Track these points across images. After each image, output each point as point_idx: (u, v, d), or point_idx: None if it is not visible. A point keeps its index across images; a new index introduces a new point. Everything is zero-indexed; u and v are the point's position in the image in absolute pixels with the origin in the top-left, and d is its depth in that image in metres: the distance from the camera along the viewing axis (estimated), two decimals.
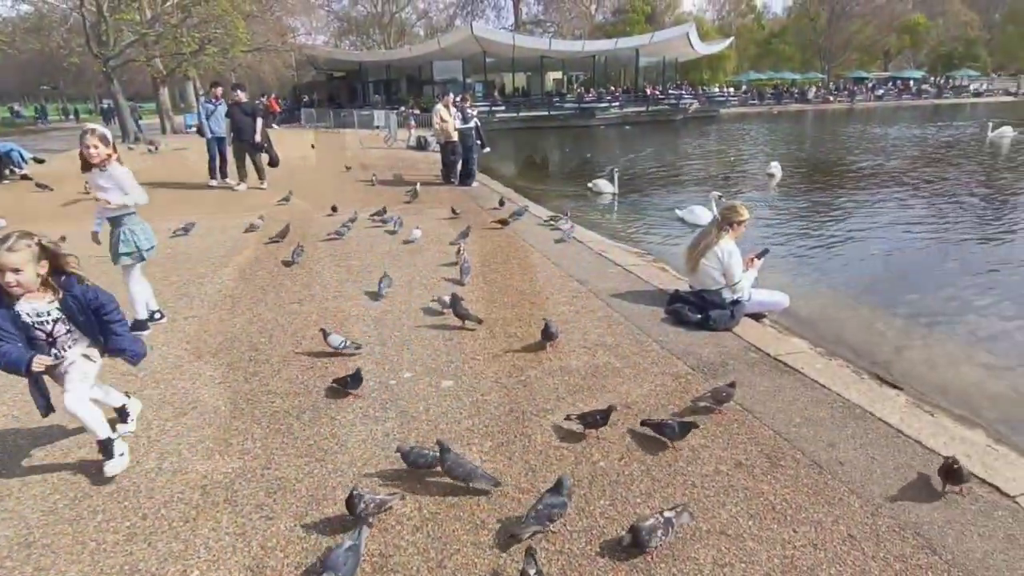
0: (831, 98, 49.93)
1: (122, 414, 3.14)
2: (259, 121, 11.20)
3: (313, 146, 19.84)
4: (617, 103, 37.84)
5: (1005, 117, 25.65)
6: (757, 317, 4.88)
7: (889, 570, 2.20)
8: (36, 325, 2.63)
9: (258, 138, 11.13)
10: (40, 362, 2.55)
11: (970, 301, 6.00)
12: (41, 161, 13.98)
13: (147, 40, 22.65)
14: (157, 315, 4.67)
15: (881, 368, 4.42)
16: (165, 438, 3.09)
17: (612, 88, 41.83)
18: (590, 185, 12.32)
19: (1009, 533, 2.40)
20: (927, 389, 4.15)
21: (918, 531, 2.39)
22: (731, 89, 49.65)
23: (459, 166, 12.00)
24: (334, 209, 8.99)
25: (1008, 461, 2.97)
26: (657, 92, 40.96)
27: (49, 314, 2.65)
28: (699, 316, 4.47)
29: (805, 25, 63.22)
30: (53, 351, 2.68)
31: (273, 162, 11.67)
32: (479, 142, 12.09)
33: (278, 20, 33.78)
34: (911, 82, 54.48)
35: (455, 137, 11.63)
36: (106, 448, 2.75)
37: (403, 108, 31.58)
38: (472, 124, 11.71)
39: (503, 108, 35.45)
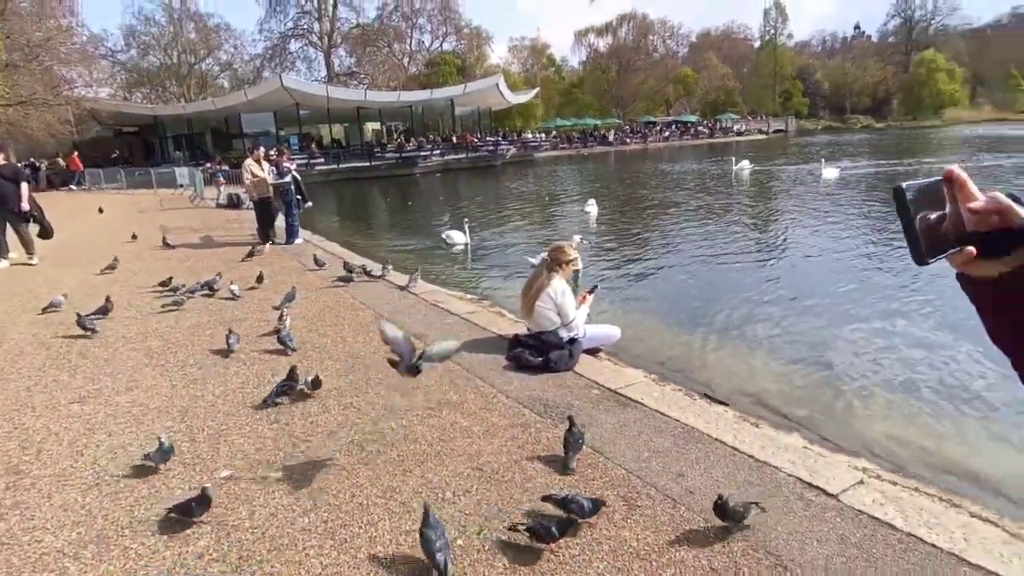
0: (628, 140, 55.64)
1: None
2: (23, 186, 9.51)
3: (101, 210, 17.45)
4: (438, 151, 38.64)
5: (759, 152, 30.64)
6: (593, 352, 5.00)
7: None
8: None
9: (24, 206, 9.43)
10: None
11: (766, 313, 6.77)
12: None
13: None
14: None
15: (707, 387, 4.73)
16: None
17: (432, 137, 42.76)
18: (444, 236, 12.17)
19: (840, 534, 2.56)
20: (748, 401, 4.50)
21: (768, 549, 2.46)
22: (543, 135, 53.30)
23: (279, 223, 11.20)
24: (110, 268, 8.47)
25: (825, 461, 3.25)
26: (476, 140, 42.61)
27: None
28: (540, 359, 4.45)
29: (599, 76, 71.28)
30: None
31: (45, 233, 9.95)
32: (299, 197, 11.41)
33: (47, 71, 29.74)
34: (689, 125, 62.76)
35: (271, 192, 10.87)
36: None
37: (209, 165, 29.23)
38: (289, 178, 11.04)
39: (322, 160, 34.39)
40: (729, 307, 7.00)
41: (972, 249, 0.67)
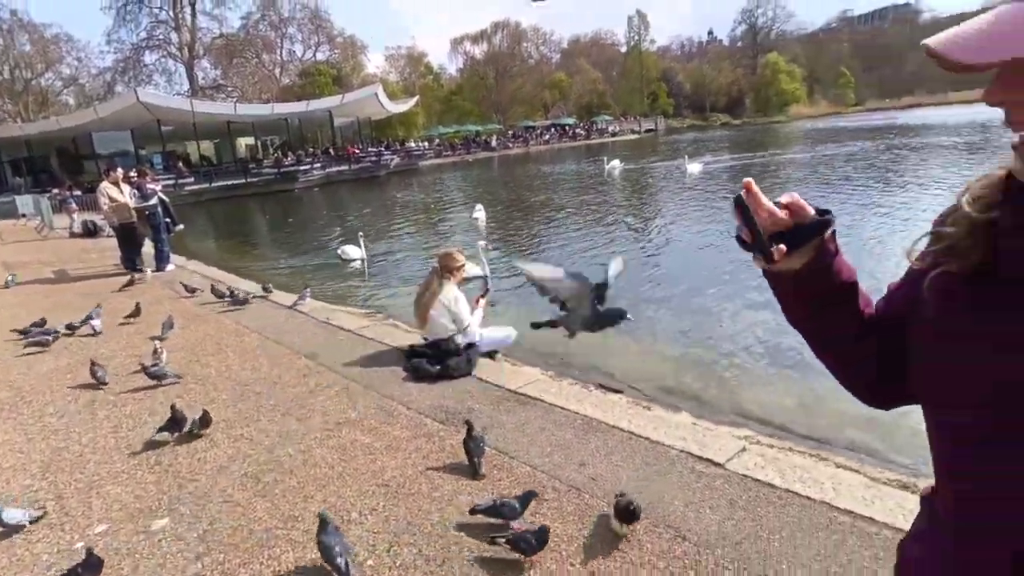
0: (510, 144, 56.70)
1: None
2: None
3: None
4: (319, 165, 37.31)
5: (633, 151, 32.38)
6: (491, 355, 5.05)
7: (656, 571, 2.34)
8: None
9: None
10: None
11: (647, 302, 7.17)
12: None
13: None
14: None
15: (602, 378, 4.93)
16: None
17: (312, 150, 41.22)
18: (339, 252, 11.66)
19: (729, 499, 2.77)
20: (640, 387, 4.75)
21: (668, 523, 2.62)
22: (425, 143, 53.04)
23: (147, 250, 10.32)
24: None
25: (712, 434, 3.50)
26: (358, 151, 41.59)
27: None
28: (438, 367, 4.43)
29: (478, 83, 72.16)
30: None
31: None
32: (168, 220, 10.57)
33: None
34: (567, 127, 65.02)
35: (134, 217, 9.98)
36: None
37: (57, 191, 26.34)
38: (155, 201, 10.20)
39: (192, 179, 32.07)
40: (615, 300, 7.33)
41: (783, 247, 0.76)
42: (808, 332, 0.89)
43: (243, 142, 42.00)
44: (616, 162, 26.35)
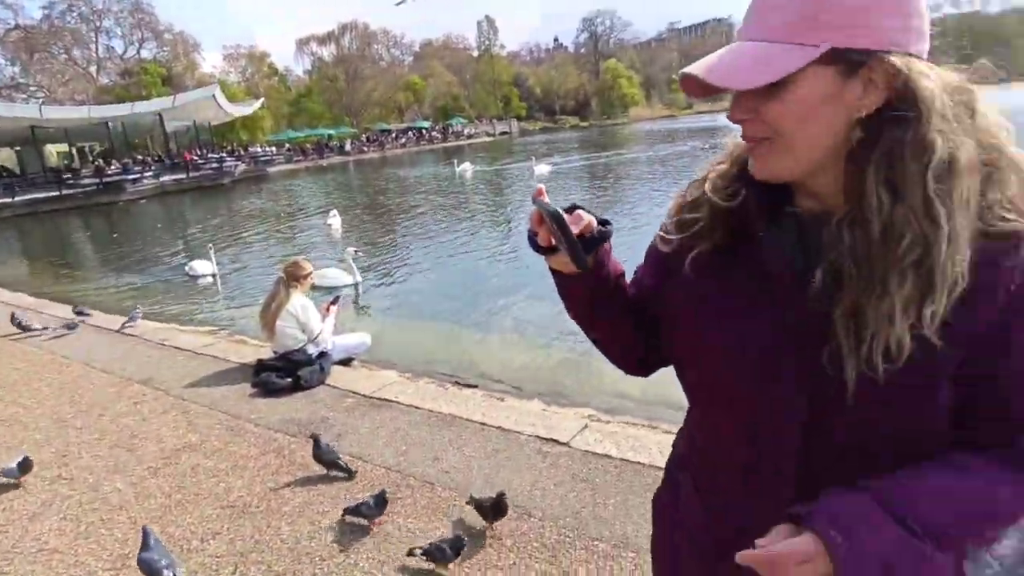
0: (366, 149, 55.36)
1: None
2: None
3: None
4: (151, 173, 33.80)
5: (489, 153, 33.04)
6: (347, 362, 4.97)
7: (504, 549, 2.48)
8: None
9: None
10: None
11: (503, 301, 7.42)
12: None
13: None
14: None
15: (459, 375, 5.05)
16: None
17: (142, 157, 37.26)
18: (187, 269, 10.55)
19: (573, 473, 2.99)
20: (495, 381, 4.92)
21: (516, 503, 2.75)
22: (274, 148, 50.10)
23: None
24: None
25: (559, 417, 3.75)
26: (196, 158, 38.28)
27: None
28: (288, 379, 4.28)
29: (328, 85, 69.48)
30: None
31: None
32: None
33: None
34: (423, 131, 64.78)
35: None
36: None
37: None
38: None
39: None
40: (473, 300, 7.53)
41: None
42: (589, 323, 1.00)
43: (54, 149, 37.04)
44: (467, 164, 26.87)
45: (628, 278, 0.99)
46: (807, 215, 0.78)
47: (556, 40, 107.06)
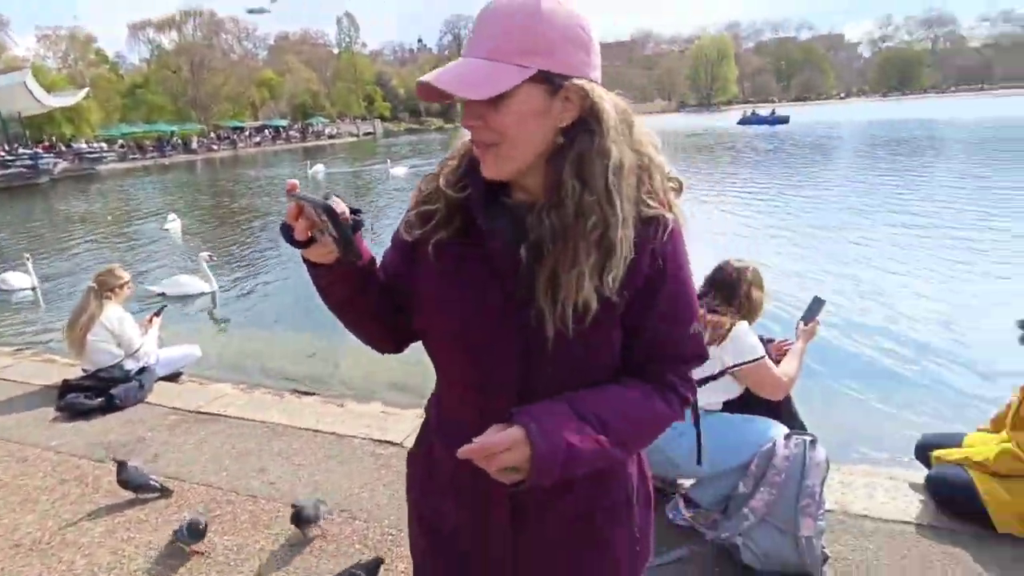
0: (215, 147, 51.40)
1: None
2: None
3: None
4: None
5: (351, 154, 32.09)
6: (174, 377, 4.63)
7: (325, 555, 2.47)
8: None
9: None
10: None
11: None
12: None
13: None
14: None
15: (301, 382, 4.90)
16: None
17: None
18: None
19: (398, 472, 3.03)
20: (337, 385, 4.85)
21: (342, 507, 2.75)
22: (104, 144, 44.82)
23: None
24: None
25: (396, 419, 3.75)
26: (3, 153, 33.22)
27: None
28: (100, 399, 3.91)
29: (169, 76, 63.11)
30: None
31: None
32: None
33: None
34: (280, 129, 61.41)
35: None
36: None
37: None
38: None
39: None
40: (321, 305, 7.30)
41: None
42: (349, 308, 1.06)
43: None
44: (320, 166, 26.47)
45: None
46: (519, 205, 0.93)
47: (420, 41, 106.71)
